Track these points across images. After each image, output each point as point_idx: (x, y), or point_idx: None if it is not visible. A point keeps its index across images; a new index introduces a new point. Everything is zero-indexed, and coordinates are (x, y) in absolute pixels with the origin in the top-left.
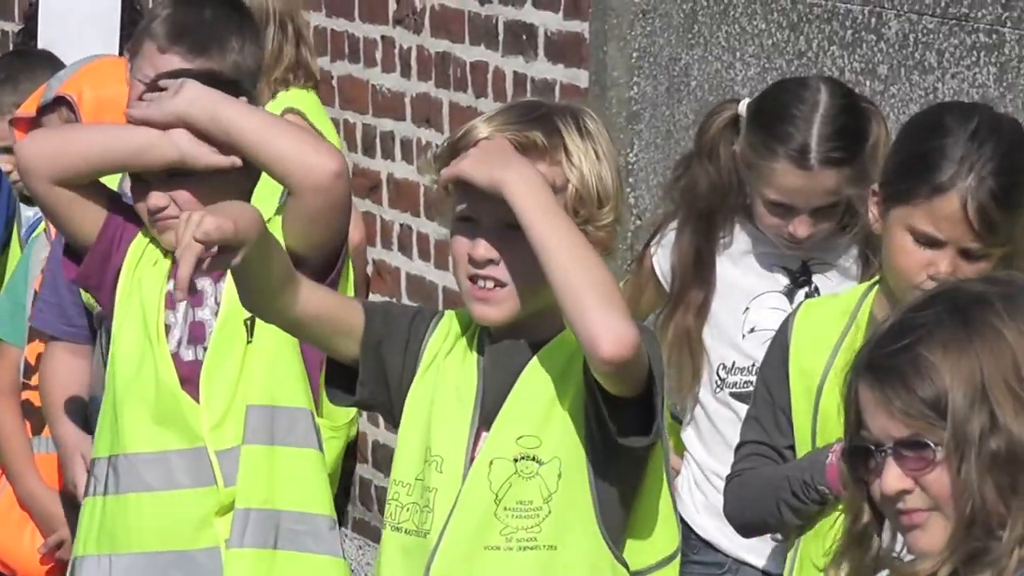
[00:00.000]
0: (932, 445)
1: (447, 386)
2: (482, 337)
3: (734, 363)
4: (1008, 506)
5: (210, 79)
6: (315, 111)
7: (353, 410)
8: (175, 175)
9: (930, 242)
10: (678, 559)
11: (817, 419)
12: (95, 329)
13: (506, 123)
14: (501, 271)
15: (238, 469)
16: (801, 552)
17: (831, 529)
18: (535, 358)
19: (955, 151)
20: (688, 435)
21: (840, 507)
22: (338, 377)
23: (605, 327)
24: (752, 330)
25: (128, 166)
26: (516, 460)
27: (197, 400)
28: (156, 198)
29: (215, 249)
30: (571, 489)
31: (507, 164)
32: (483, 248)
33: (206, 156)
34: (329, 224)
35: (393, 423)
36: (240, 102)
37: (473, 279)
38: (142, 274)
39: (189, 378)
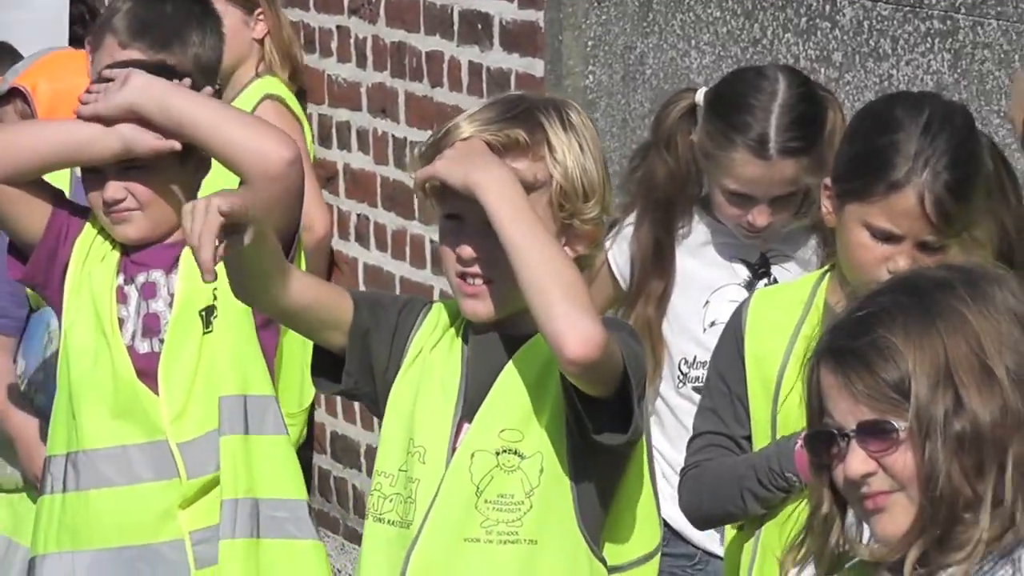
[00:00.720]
0: (896, 426)
1: (432, 378)
2: (467, 329)
3: (696, 357)
4: (974, 488)
5: (160, 70)
6: (290, 98)
7: (308, 399)
8: (130, 168)
9: (888, 237)
10: (658, 556)
11: (777, 408)
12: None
13: (488, 122)
14: (488, 267)
15: (204, 460)
16: (763, 542)
17: (788, 518)
18: (518, 352)
19: (909, 146)
20: (652, 430)
21: (804, 495)
22: (323, 365)
23: (571, 327)
24: (713, 323)
25: (76, 161)
26: (498, 453)
27: (155, 392)
28: (113, 189)
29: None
30: (552, 485)
31: (480, 165)
32: (468, 248)
33: (148, 141)
34: (282, 212)
35: (377, 414)
36: (190, 91)
37: (462, 276)
38: (91, 269)
39: (145, 371)
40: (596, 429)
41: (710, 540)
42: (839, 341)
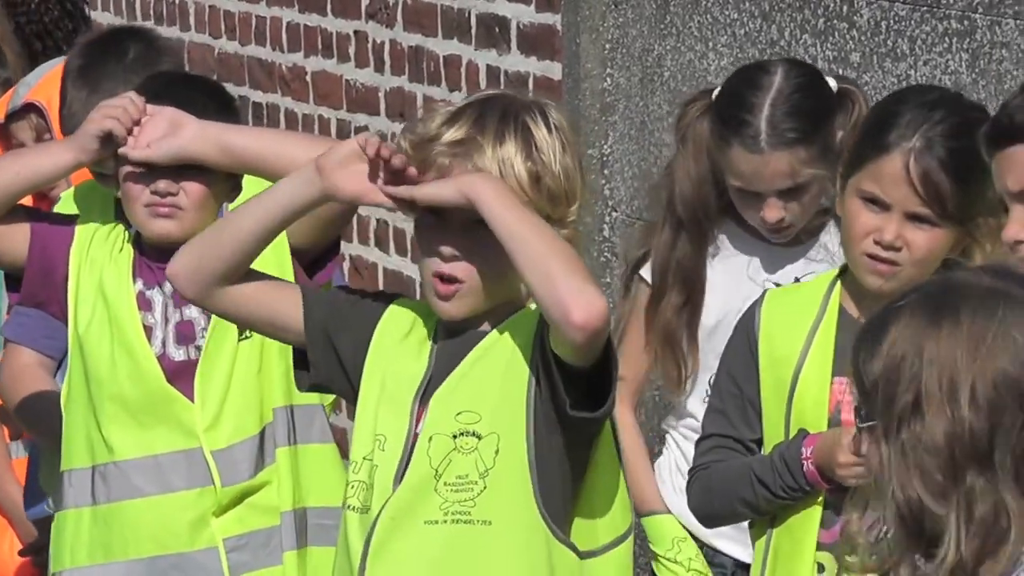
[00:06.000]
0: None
1: (399, 372)
2: (439, 329)
3: None
4: (939, 510)
5: (209, 89)
6: None
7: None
8: (185, 168)
9: (875, 202)
10: (631, 537)
11: (791, 410)
12: None
13: (477, 127)
14: (464, 269)
15: (238, 467)
16: (774, 544)
17: (799, 522)
18: (483, 342)
19: (905, 115)
20: (676, 439)
21: (818, 497)
22: (303, 361)
23: (575, 294)
24: None
25: (37, 189)
26: (455, 436)
27: (190, 399)
28: (166, 184)
29: None
30: (509, 466)
31: (465, 174)
32: (448, 247)
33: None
34: (348, 214)
35: (354, 406)
36: (242, 126)
37: (439, 276)
38: (100, 275)
39: (179, 378)
40: (573, 405)
41: (714, 534)
42: (865, 327)
